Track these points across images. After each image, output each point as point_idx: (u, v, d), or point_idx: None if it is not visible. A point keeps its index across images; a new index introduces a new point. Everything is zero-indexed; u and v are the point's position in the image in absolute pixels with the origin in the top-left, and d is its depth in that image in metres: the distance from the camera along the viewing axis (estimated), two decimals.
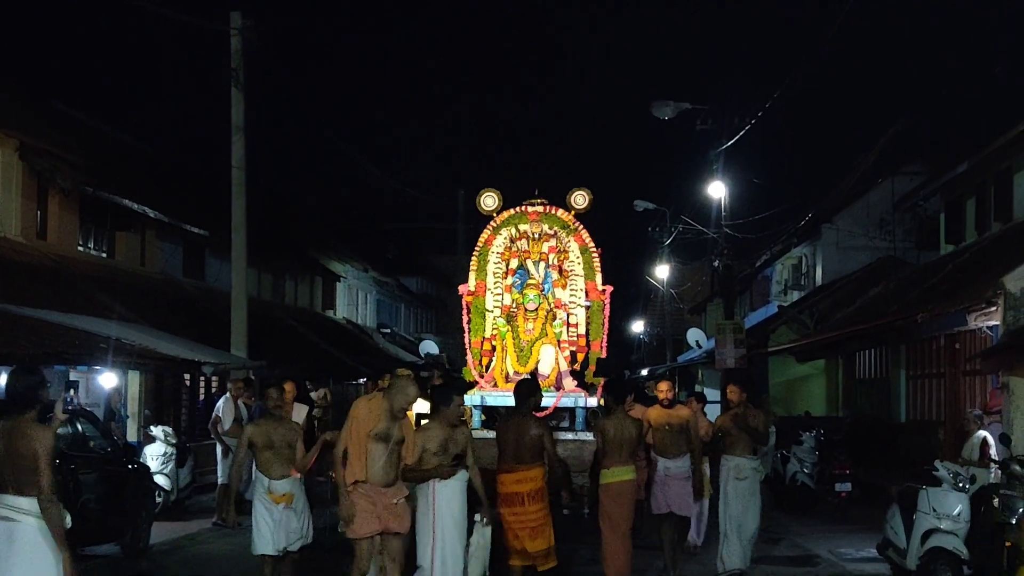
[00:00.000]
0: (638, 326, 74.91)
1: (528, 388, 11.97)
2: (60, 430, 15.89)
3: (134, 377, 23.89)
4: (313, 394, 25.65)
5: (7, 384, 9.09)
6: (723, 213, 33.11)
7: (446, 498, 10.39)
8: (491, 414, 14.41)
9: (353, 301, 50.96)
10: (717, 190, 32.85)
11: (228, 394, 20.03)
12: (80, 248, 26.68)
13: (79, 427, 16.39)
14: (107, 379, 21.67)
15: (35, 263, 23.31)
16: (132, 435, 22.46)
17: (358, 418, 9.81)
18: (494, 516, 11.36)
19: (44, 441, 7.90)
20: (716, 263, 35.52)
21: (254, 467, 10.70)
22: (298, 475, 10.70)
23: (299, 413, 14.63)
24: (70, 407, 11.13)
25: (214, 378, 27.26)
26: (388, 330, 53.74)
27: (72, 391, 17.25)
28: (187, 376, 27.14)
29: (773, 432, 19.01)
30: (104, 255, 27.91)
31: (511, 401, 13.09)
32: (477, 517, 10.98)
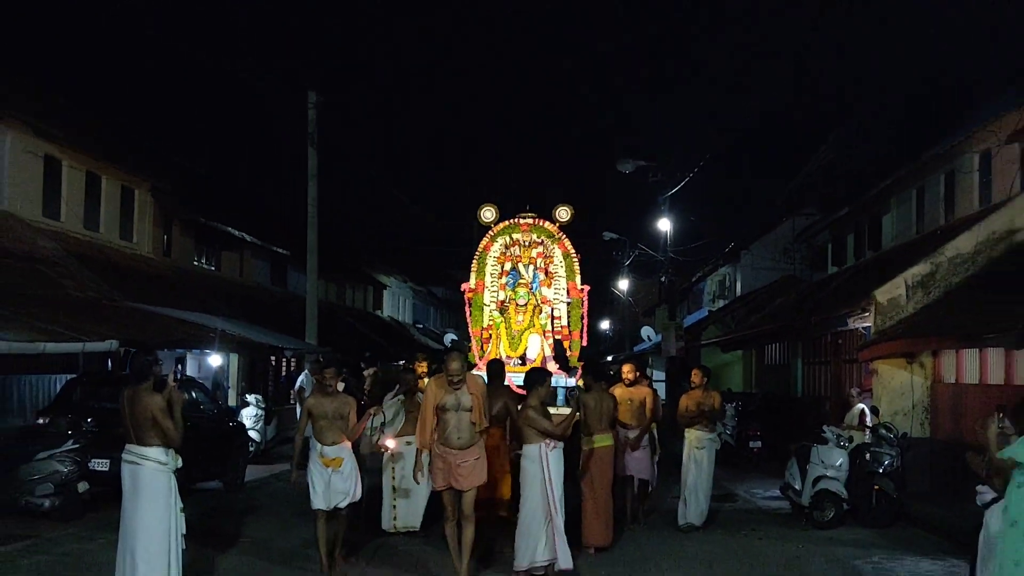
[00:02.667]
0: (604, 324, 74.99)
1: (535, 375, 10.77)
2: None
3: (234, 358, 23.94)
4: (365, 372, 25.62)
5: (129, 363, 9.14)
6: (668, 242, 33.22)
7: (554, 461, 9.65)
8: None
9: (395, 304, 50.96)
10: (664, 225, 33.00)
11: (307, 371, 20.24)
12: (195, 263, 26.79)
13: (193, 394, 16.37)
14: (214, 360, 21.73)
15: (161, 274, 23.39)
16: (232, 401, 22.48)
17: (428, 396, 9.31)
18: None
19: (157, 403, 8.08)
20: (663, 279, 35.56)
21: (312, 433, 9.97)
22: (347, 443, 9.93)
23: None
24: (179, 378, 11.15)
25: (292, 359, 27.33)
26: (421, 326, 53.81)
27: (180, 365, 17.18)
28: (272, 358, 27.24)
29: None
30: (213, 269, 28.00)
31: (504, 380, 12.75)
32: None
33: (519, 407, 10.61)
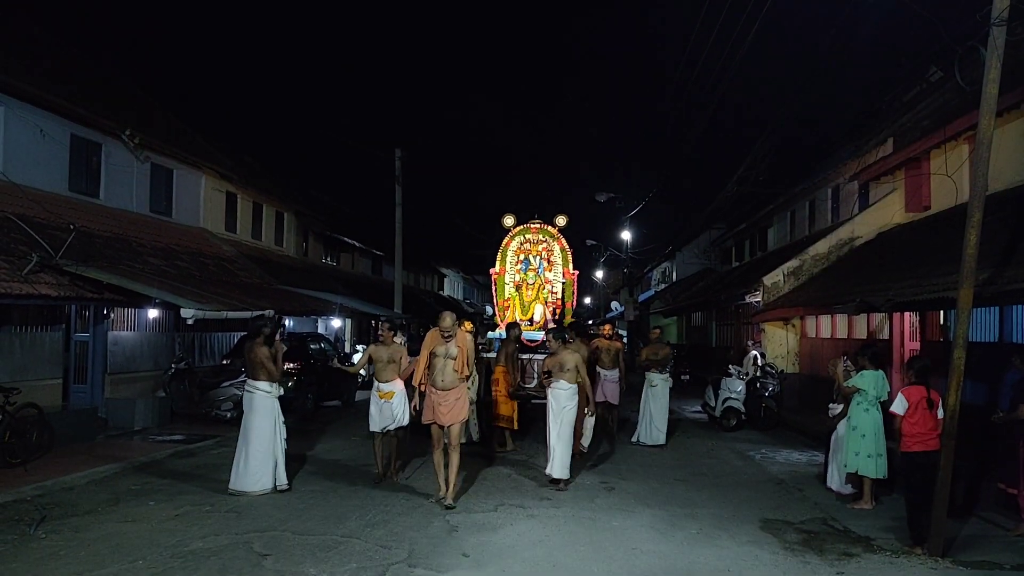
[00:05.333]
0: (587, 300, 74.81)
1: (511, 330, 10.37)
2: (313, 346, 15.98)
3: (348, 322, 24.01)
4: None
5: (249, 324, 9.03)
6: (628, 246, 33.07)
7: (555, 400, 8.45)
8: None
9: (452, 286, 50.91)
10: (626, 234, 32.89)
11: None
12: (323, 261, 26.79)
13: (322, 345, 16.39)
14: (336, 322, 21.74)
15: (301, 268, 23.38)
16: (347, 348, 22.54)
17: (426, 343, 7.68)
18: (594, 410, 9.24)
19: (264, 352, 8.11)
20: (625, 270, 35.44)
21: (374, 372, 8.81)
22: (398, 381, 8.64)
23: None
24: (283, 336, 11.01)
25: (384, 322, 27.42)
26: (468, 301, 53.84)
27: (284, 328, 16.61)
28: (373, 321, 27.22)
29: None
30: (335, 264, 27.99)
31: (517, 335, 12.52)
32: (587, 411, 8.86)
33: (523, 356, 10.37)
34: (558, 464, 8.37)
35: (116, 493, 7.95)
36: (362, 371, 18.85)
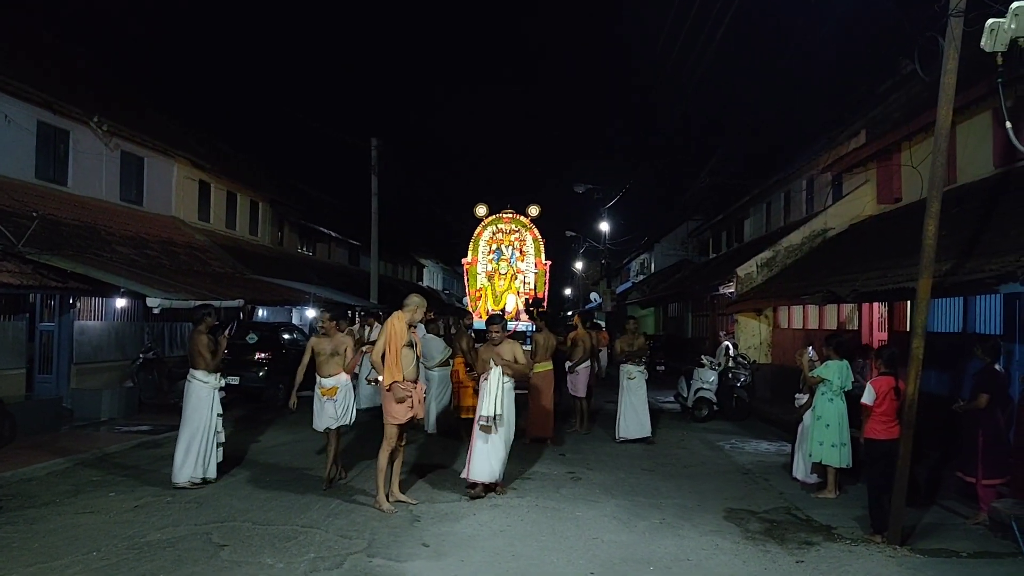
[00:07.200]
0: (567, 291, 74.80)
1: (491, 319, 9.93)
2: (286, 335, 15.83)
3: (323, 312, 23.73)
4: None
5: (192, 312, 8.70)
6: (606, 237, 33.06)
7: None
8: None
9: (431, 277, 50.72)
10: (604, 226, 32.83)
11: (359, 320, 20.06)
12: (299, 250, 26.54)
13: (295, 335, 16.24)
14: (310, 312, 21.50)
15: (277, 257, 23.17)
16: None
17: (396, 334, 6.96)
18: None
19: (202, 341, 7.94)
20: (604, 262, 35.49)
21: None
22: (343, 375, 8.03)
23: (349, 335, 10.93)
24: (230, 332, 10.78)
25: (361, 313, 27.23)
26: (447, 291, 53.66)
27: (235, 321, 16.05)
28: (349, 312, 26.97)
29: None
30: (311, 254, 27.73)
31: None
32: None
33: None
34: (500, 465, 7.51)
35: (76, 484, 7.83)
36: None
